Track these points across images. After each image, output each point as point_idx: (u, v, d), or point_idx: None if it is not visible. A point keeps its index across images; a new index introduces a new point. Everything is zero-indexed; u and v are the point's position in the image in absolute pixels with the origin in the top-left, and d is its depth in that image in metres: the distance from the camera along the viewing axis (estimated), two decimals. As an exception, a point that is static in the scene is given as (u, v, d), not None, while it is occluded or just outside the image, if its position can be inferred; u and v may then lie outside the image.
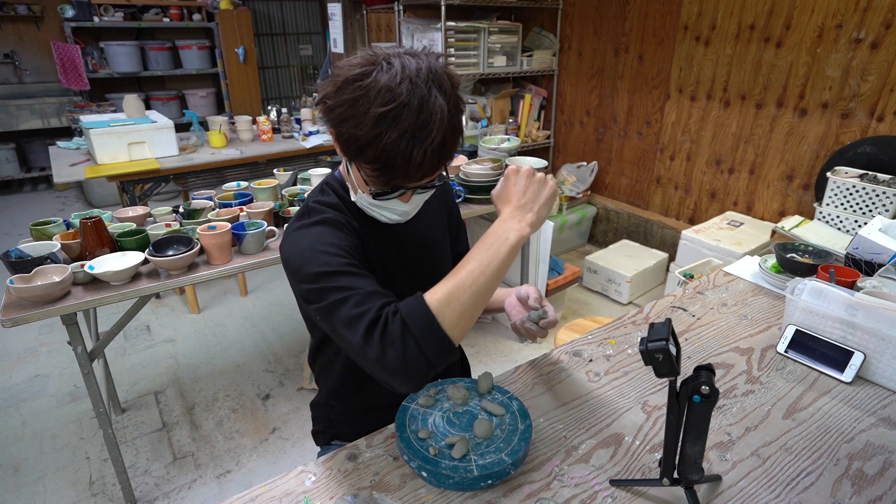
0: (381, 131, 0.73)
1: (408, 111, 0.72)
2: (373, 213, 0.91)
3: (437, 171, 0.81)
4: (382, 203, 0.86)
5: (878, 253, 1.31)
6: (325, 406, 1.14)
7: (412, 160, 0.75)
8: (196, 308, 2.95)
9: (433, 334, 0.69)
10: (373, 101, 0.72)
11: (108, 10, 4.66)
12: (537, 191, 0.81)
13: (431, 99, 0.73)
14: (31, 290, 1.33)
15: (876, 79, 2.27)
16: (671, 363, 0.68)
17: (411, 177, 0.78)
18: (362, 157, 0.78)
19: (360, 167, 0.81)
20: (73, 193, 5.00)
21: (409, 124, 0.72)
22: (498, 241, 0.75)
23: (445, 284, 0.73)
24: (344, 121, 0.76)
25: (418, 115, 0.72)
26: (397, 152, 0.74)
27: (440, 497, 0.79)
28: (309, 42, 6.20)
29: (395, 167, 0.76)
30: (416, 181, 0.81)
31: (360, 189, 0.87)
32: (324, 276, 0.77)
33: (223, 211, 1.79)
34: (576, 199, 3.61)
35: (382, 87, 0.72)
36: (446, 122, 0.75)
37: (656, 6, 3.03)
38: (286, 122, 3.27)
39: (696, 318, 1.26)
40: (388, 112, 0.72)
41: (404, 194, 0.85)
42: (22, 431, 2.09)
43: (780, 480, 0.81)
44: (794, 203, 2.69)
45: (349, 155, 0.80)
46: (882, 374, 1.02)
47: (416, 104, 0.72)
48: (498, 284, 0.75)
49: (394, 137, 0.73)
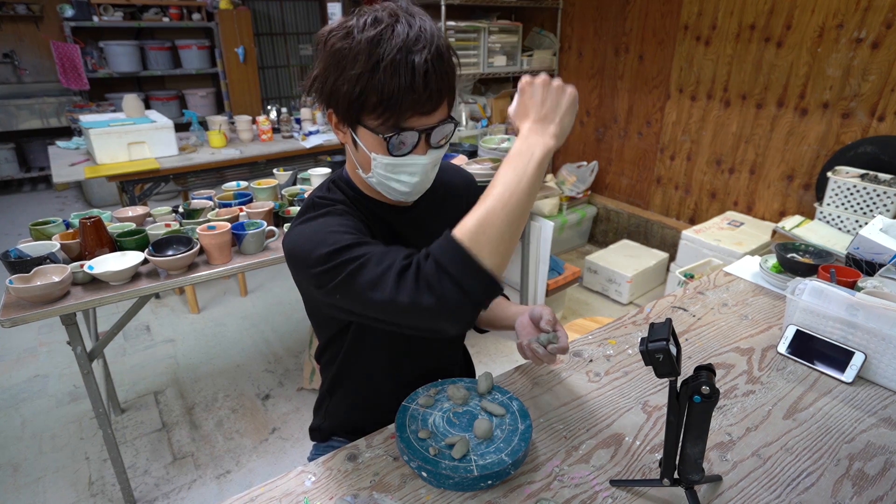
0: (376, 59, 0.71)
1: (399, 28, 0.72)
2: (391, 185, 0.84)
3: (443, 95, 0.77)
4: (400, 161, 0.80)
5: (878, 253, 1.31)
6: (323, 399, 1.14)
7: (415, 77, 0.72)
8: (196, 308, 2.95)
9: (470, 269, 0.65)
10: (361, 34, 0.72)
11: (108, 10, 4.66)
12: (556, 99, 0.74)
13: (416, 20, 0.74)
14: (31, 290, 1.33)
15: (877, 78, 2.27)
16: (671, 363, 0.68)
17: (419, 102, 0.74)
18: (366, 107, 0.75)
19: (367, 125, 0.78)
20: (72, 193, 5.00)
21: (402, 40, 0.71)
22: (523, 158, 0.70)
23: (475, 214, 0.68)
24: (339, 76, 0.74)
25: (408, 31, 0.72)
26: (398, 74, 0.71)
27: (440, 497, 0.79)
28: (309, 42, 6.19)
29: (400, 94, 0.72)
30: (426, 111, 0.76)
31: (373, 153, 0.80)
32: (336, 254, 0.73)
33: (223, 211, 1.79)
34: (576, 199, 3.61)
35: (366, 22, 0.73)
36: (436, 36, 0.74)
37: (656, 6, 3.03)
38: (286, 122, 3.27)
39: (696, 318, 1.26)
40: (377, 35, 0.72)
41: (419, 146, 0.80)
42: (21, 431, 2.09)
43: (781, 481, 0.81)
44: (794, 203, 2.69)
45: (352, 117, 0.78)
46: (883, 375, 1.02)
47: (404, 22, 0.73)
48: (530, 206, 0.70)
49: (390, 57, 0.71)
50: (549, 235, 2.38)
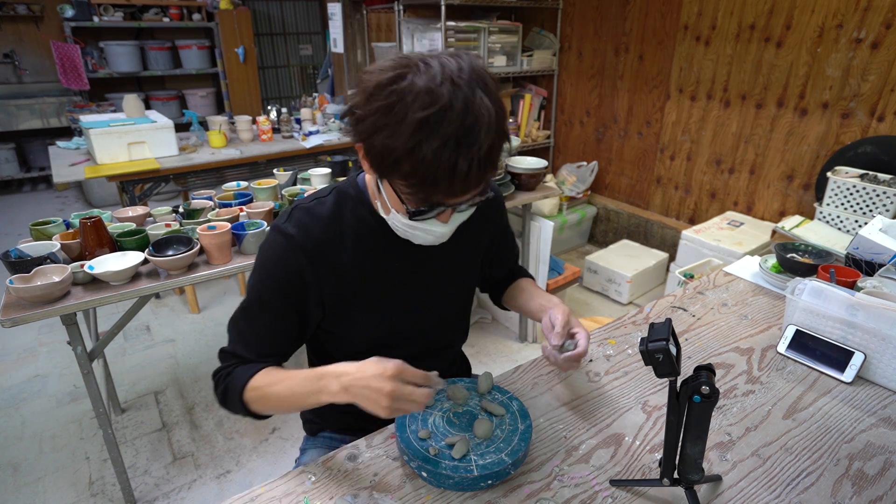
0: (420, 139, 0.65)
1: (451, 115, 0.65)
2: (406, 236, 0.84)
3: (481, 184, 0.73)
4: (418, 224, 0.78)
5: (878, 253, 1.31)
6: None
7: (457, 172, 0.67)
8: (196, 308, 2.95)
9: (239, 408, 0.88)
10: (410, 106, 0.65)
11: (108, 10, 4.66)
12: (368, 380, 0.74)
13: (476, 101, 0.66)
14: (31, 290, 1.33)
15: (876, 78, 2.27)
16: (671, 363, 0.68)
17: (454, 191, 0.70)
18: (397, 172, 0.70)
19: (393, 184, 0.74)
20: (72, 193, 5.00)
21: (454, 130, 0.65)
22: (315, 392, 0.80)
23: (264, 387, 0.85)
24: (377, 131, 0.68)
25: (463, 120, 0.65)
26: (439, 163, 0.66)
27: (440, 497, 0.79)
28: (309, 42, 6.20)
29: (436, 181, 0.68)
30: (459, 197, 0.73)
31: (392, 209, 0.80)
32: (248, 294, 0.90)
33: (223, 211, 1.79)
34: (576, 199, 3.61)
35: (421, 90, 0.65)
36: (494, 127, 0.67)
37: (656, 6, 3.03)
38: (286, 122, 3.27)
39: (696, 318, 1.26)
40: (428, 117, 0.64)
41: (443, 213, 0.77)
42: (21, 431, 2.09)
43: (781, 481, 0.81)
44: (794, 203, 2.69)
45: (381, 171, 0.73)
46: (882, 375, 1.02)
47: (460, 107, 0.65)
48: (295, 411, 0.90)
49: (435, 146, 0.65)
50: (549, 235, 2.38)
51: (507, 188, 2.24)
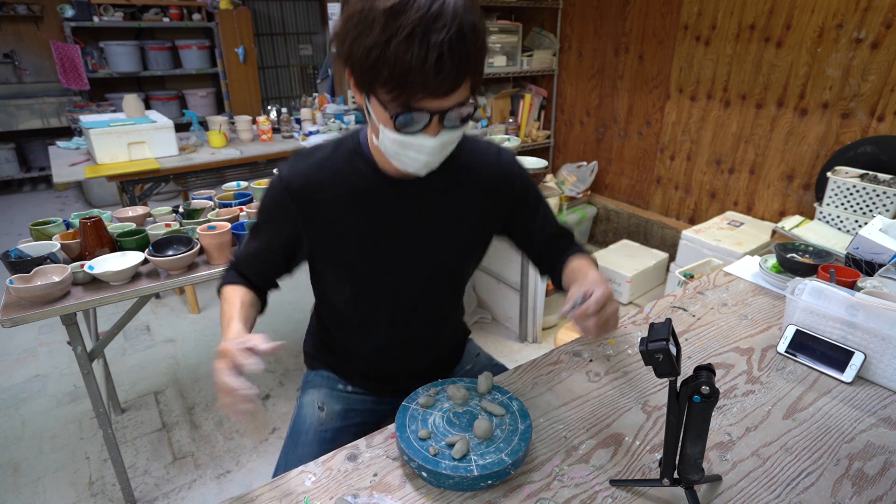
0: (390, 33, 0.68)
1: (417, 3, 0.68)
2: (399, 158, 0.83)
3: (459, 83, 0.73)
4: (408, 139, 0.78)
5: (878, 253, 1.31)
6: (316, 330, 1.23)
7: (428, 60, 0.68)
8: (196, 308, 2.95)
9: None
10: (379, 2, 0.69)
11: (108, 10, 4.66)
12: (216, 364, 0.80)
13: None
14: (31, 290, 1.33)
15: (876, 78, 2.27)
16: (671, 363, 0.68)
17: (431, 86, 0.71)
18: (378, 79, 0.72)
19: (378, 97, 0.76)
20: (72, 193, 5.00)
21: (420, 16, 0.67)
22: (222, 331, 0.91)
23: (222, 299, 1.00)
24: (354, 39, 0.72)
25: (430, 7, 0.67)
26: (411, 54, 0.68)
27: (440, 497, 0.79)
28: (309, 42, 6.19)
29: (411, 75, 0.69)
30: (439, 96, 0.73)
31: (381, 125, 0.80)
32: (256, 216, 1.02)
33: (223, 211, 1.79)
34: (576, 199, 3.61)
35: None
36: (461, 12, 0.69)
37: (656, 6, 3.03)
38: (286, 122, 3.27)
39: (696, 318, 1.26)
40: (394, 6, 0.67)
41: (430, 126, 0.77)
42: (21, 431, 2.09)
43: (781, 481, 0.81)
44: (794, 203, 2.69)
45: (365, 83, 0.76)
46: (882, 375, 1.02)
47: None
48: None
49: (404, 35, 0.67)
50: (549, 235, 2.38)
51: None
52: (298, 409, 1.14)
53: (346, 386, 1.18)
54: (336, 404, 1.14)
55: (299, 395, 1.19)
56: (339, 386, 1.18)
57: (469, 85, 0.76)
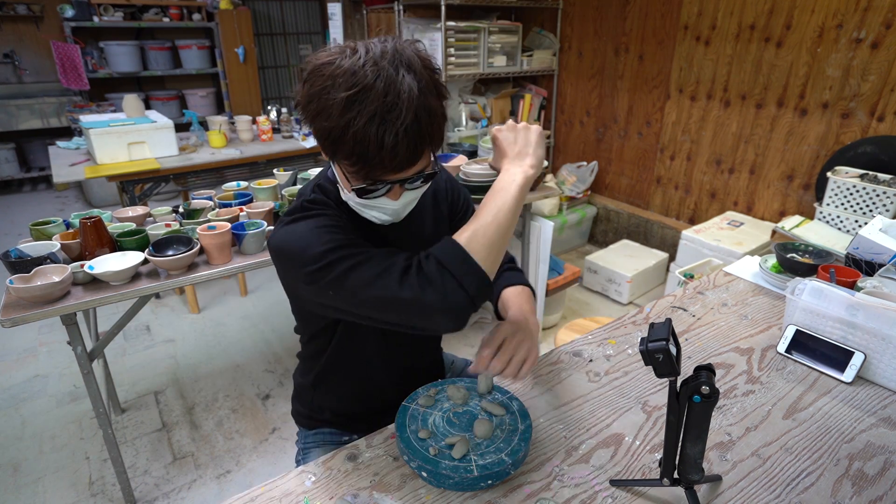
0: (349, 118, 0.70)
1: (374, 94, 0.69)
2: (364, 214, 0.87)
3: (416, 160, 0.76)
4: (370, 202, 0.81)
5: (878, 253, 1.31)
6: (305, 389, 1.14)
7: (384, 146, 0.71)
8: (196, 308, 2.95)
9: (470, 269, 0.74)
10: (337, 88, 0.70)
11: (108, 10, 4.66)
12: (525, 137, 0.84)
13: (399, 79, 0.71)
14: (31, 290, 1.33)
15: (876, 78, 2.27)
16: (671, 363, 0.68)
17: (389, 166, 0.74)
18: (339, 153, 0.75)
19: (340, 165, 0.79)
20: (72, 193, 5.00)
21: (376, 107, 0.69)
22: (506, 185, 0.80)
23: (469, 227, 0.77)
24: (316, 116, 0.74)
25: (385, 98, 0.70)
26: (368, 139, 0.70)
27: (440, 497, 0.79)
28: (309, 42, 6.19)
29: (370, 157, 0.72)
30: (397, 172, 0.76)
31: (345, 190, 0.83)
32: (331, 252, 0.77)
33: (223, 211, 1.79)
34: (576, 199, 3.61)
35: (346, 72, 0.71)
36: (415, 102, 0.71)
37: (656, 6, 3.03)
38: (286, 122, 3.27)
39: (696, 318, 1.26)
40: (353, 96, 0.70)
41: (391, 191, 0.80)
42: (22, 431, 2.09)
43: (781, 481, 0.81)
44: (794, 203, 2.69)
45: (328, 153, 0.78)
46: (882, 375, 1.02)
47: (381, 86, 0.70)
48: (514, 223, 0.80)
49: (362, 123, 0.70)
50: (549, 235, 2.38)
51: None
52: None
53: (352, 436, 1.13)
54: None
55: (300, 457, 1.14)
56: (343, 439, 1.14)
57: (429, 154, 0.79)
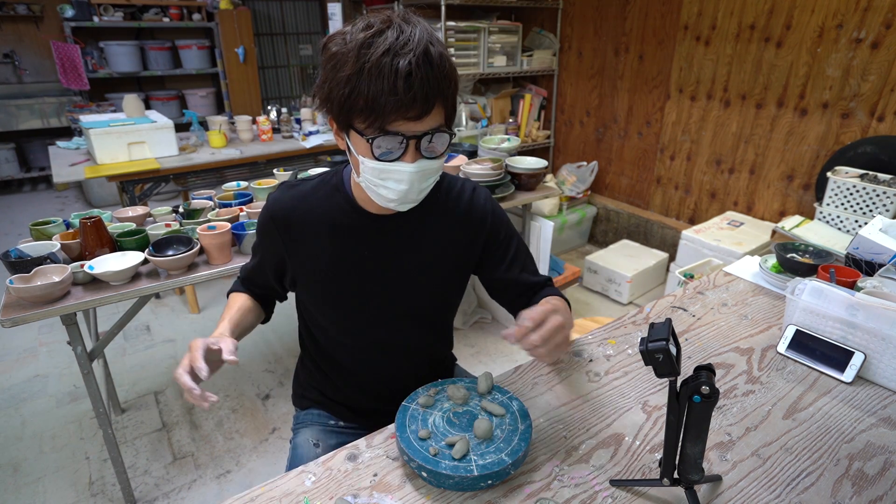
0: (363, 61, 0.74)
1: (387, 33, 0.74)
2: (378, 191, 0.85)
3: (430, 106, 0.77)
4: (386, 166, 0.81)
5: (878, 253, 1.31)
6: (302, 370, 1.23)
7: (397, 79, 0.73)
8: (196, 308, 2.95)
9: None
10: (353, 39, 0.76)
11: (108, 10, 4.66)
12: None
13: (409, 26, 0.76)
14: (31, 290, 1.33)
15: (876, 78, 2.27)
16: (671, 363, 0.68)
17: (402, 106, 0.75)
18: (354, 111, 0.77)
19: (356, 129, 0.80)
20: (72, 193, 5.00)
21: (390, 43, 0.74)
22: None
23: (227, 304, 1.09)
24: (332, 79, 0.78)
25: (398, 36, 0.74)
26: (382, 75, 0.73)
27: (440, 497, 0.79)
28: (309, 42, 6.19)
29: (382, 97, 0.74)
30: (410, 115, 0.76)
31: (361, 158, 0.83)
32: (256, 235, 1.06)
33: (223, 211, 1.79)
34: (576, 199, 3.61)
35: (360, 26, 0.77)
36: (425, 42, 0.75)
37: (656, 6, 3.03)
38: (286, 122, 3.27)
39: (696, 318, 1.26)
40: (366, 38, 0.74)
41: (406, 153, 0.80)
42: (22, 431, 2.09)
43: (781, 480, 0.81)
44: (794, 203, 2.69)
45: (344, 121, 0.81)
46: (882, 375, 1.02)
47: (394, 31, 0.75)
48: None
49: (375, 58, 0.73)
50: (549, 235, 2.38)
51: (507, 188, 2.24)
52: (294, 450, 1.12)
53: (338, 421, 1.18)
54: (331, 439, 1.13)
55: (292, 437, 1.18)
56: (330, 422, 1.17)
57: (442, 112, 0.81)
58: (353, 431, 1.17)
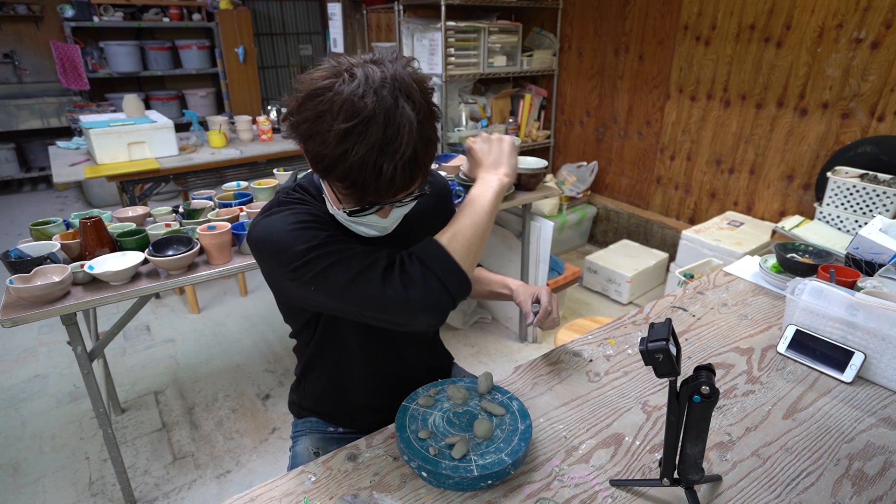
0: (346, 148, 0.69)
1: (374, 125, 0.69)
2: (351, 228, 0.87)
3: (411, 186, 0.77)
4: (359, 219, 0.82)
5: (878, 253, 1.31)
6: (300, 380, 1.18)
7: (382, 176, 0.71)
8: (196, 308, 2.95)
9: (451, 268, 0.79)
10: (336, 117, 0.69)
11: (108, 10, 4.66)
12: (499, 147, 0.90)
13: (398, 110, 0.70)
14: (31, 290, 1.33)
15: (876, 78, 2.27)
16: (671, 363, 0.68)
17: (384, 194, 0.75)
18: (332, 175, 0.74)
19: (331, 184, 0.79)
20: (72, 193, 5.00)
21: (376, 140, 0.69)
22: (483, 192, 0.85)
23: (449, 230, 0.82)
24: (309, 138, 0.73)
25: (385, 130, 0.69)
26: (365, 170, 0.70)
27: (440, 497, 0.79)
28: (309, 42, 6.20)
29: (365, 185, 0.72)
30: (390, 197, 0.77)
31: (334, 207, 0.84)
32: (313, 249, 0.77)
33: (223, 211, 1.79)
34: (576, 199, 3.61)
35: (345, 101, 0.69)
36: (415, 135, 0.72)
37: (656, 6, 3.03)
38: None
39: (696, 318, 1.26)
40: (352, 128, 0.69)
41: (381, 209, 0.81)
42: (22, 431, 2.09)
43: (781, 480, 0.81)
44: (794, 203, 2.69)
45: (319, 172, 0.77)
46: (882, 374, 1.02)
47: (381, 118, 0.69)
48: (490, 227, 0.85)
49: (361, 154, 0.69)
50: (549, 235, 2.38)
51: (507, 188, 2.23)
52: (293, 459, 1.11)
53: (337, 428, 1.16)
54: (331, 446, 1.12)
55: (291, 445, 1.17)
56: (329, 429, 1.16)
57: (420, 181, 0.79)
58: (353, 436, 1.16)
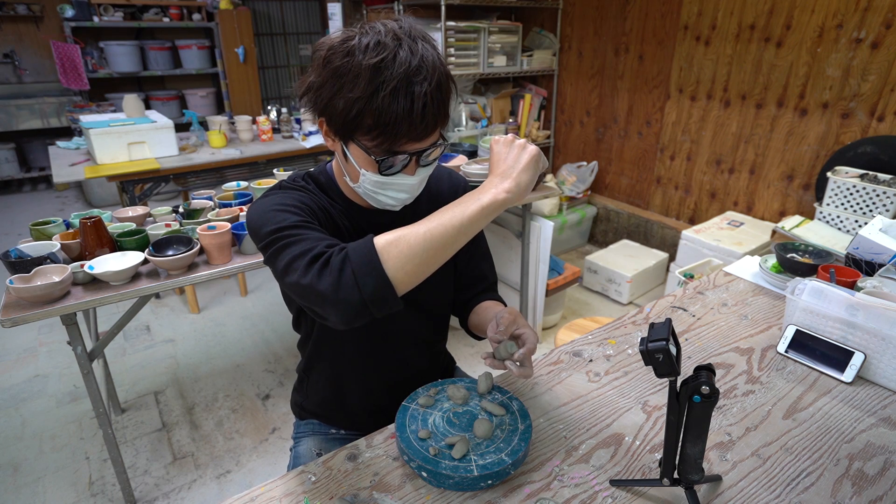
0: (376, 86, 0.73)
1: (399, 59, 0.73)
2: (378, 198, 0.87)
3: (438, 124, 0.80)
4: (389, 180, 0.83)
5: (878, 253, 1.31)
6: (302, 379, 1.19)
7: (413, 109, 0.74)
8: (196, 308, 2.95)
9: (372, 270, 0.68)
10: (363, 59, 0.73)
11: (108, 10, 4.66)
12: (517, 157, 0.76)
13: (419, 47, 0.75)
14: (31, 290, 1.33)
15: (876, 78, 2.27)
16: (671, 363, 0.68)
17: (414, 131, 0.76)
18: (361, 128, 0.76)
19: (360, 144, 0.79)
20: (72, 193, 5.00)
21: (403, 70, 0.73)
22: (470, 200, 0.72)
23: (399, 231, 0.71)
24: (336, 93, 0.76)
25: (410, 62, 0.73)
26: (396, 104, 0.73)
27: (440, 497, 0.79)
28: (309, 42, 6.19)
29: (396, 123, 0.74)
30: (420, 140, 0.79)
31: (362, 169, 0.83)
32: (276, 231, 0.78)
33: (223, 211, 1.79)
34: (576, 199, 3.61)
35: (369, 44, 0.74)
36: (438, 65, 0.76)
37: (656, 6, 3.03)
38: (286, 122, 3.27)
39: (696, 318, 1.26)
40: (379, 62, 0.72)
41: (408, 166, 0.82)
42: (22, 431, 2.09)
43: (781, 481, 0.81)
44: (794, 203, 2.69)
45: (346, 132, 0.79)
46: (882, 375, 1.02)
47: (405, 52, 0.73)
48: (459, 243, 0.72)
49: (390, 88, 0.72)
50: (549, 235, 2.38)
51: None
52: (295, 460, 1.12)
53: (339, 430, 1.17)
54: (333, 447, 1.12)
55: (293, 445, 1.17)
56: (331, 430, 1.17)
57: (442, 127, 0.83)
58: (354, 438, 1.16)
